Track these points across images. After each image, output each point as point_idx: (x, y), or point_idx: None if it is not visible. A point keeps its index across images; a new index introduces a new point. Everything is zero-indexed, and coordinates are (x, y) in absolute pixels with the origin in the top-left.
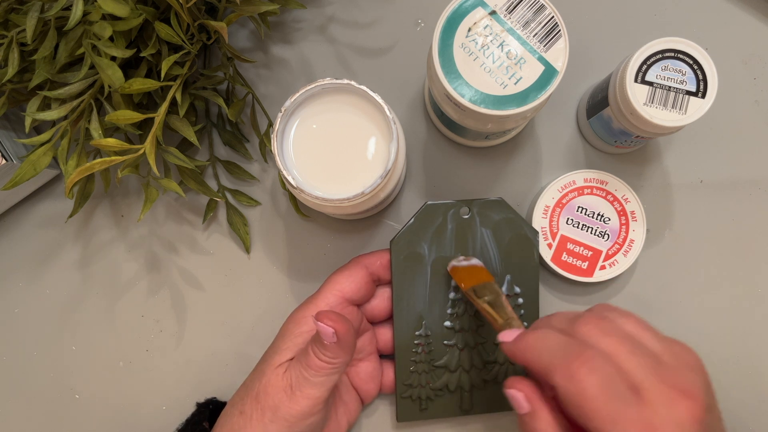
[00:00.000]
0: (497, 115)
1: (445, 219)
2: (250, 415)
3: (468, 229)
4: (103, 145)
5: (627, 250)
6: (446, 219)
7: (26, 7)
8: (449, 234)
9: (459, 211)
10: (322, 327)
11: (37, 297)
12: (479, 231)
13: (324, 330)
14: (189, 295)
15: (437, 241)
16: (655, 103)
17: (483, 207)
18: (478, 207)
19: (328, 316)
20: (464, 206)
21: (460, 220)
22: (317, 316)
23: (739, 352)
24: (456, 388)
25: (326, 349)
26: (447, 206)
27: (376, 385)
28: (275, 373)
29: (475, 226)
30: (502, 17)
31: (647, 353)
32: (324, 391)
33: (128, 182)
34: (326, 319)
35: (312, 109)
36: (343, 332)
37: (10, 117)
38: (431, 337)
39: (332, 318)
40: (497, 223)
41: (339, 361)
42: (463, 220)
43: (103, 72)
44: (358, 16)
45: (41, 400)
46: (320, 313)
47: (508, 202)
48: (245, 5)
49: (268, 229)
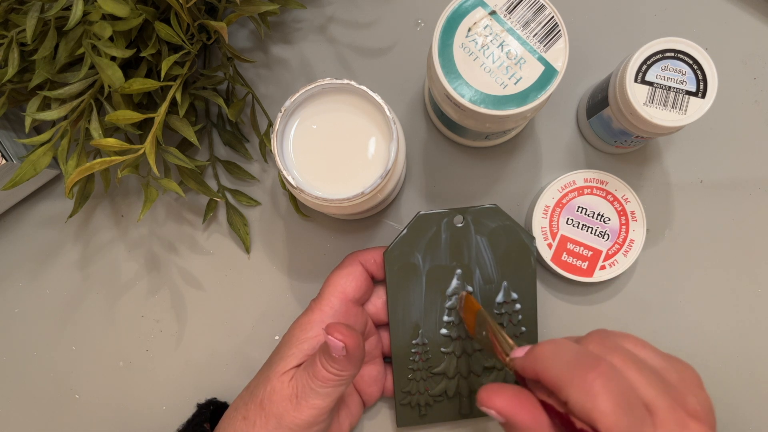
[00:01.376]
0: (497, 115)
1: (439, 228)
2: (254, 422)
3: (462, 238)
4: (103, 145)
5: (627, 250)
6: (440, 228)
7: (26, 7)
8: (444, 243)
9: (453, 220)
10: (332, 341)
11: (37, 297)
12: (474, 239)
13: (334, 344)
14: (189, 295)
15: (431, 251)
16: (655, 103)
17: (478, 215)
18: (473, 215)
19: (338, 330)
20: (458, 215)
21: (454, 229)
22: (327, 329)
23: (739, 352)
24: (455, 394)
25: (335, 361)
26: (440, 215)
27: (379, 389)
28: (280, 380)
29: (469, 235)
30: (502, 17)
31: (654, 371)
32: (330, 402)
33: (128, 182)
34: (337, 333)
35: (312, 109)
36: (353, 346)
37: (10, 117)
38: (428, 345)
39: (342, 332)
40: (493, 230)
41: (347, 374)
42: (457, 228)
43: (103, 72)
44: (358, 16)
45: (41, 400)
46: (330, 326)
47: (503, 208)
48: (245, 5)
49: (268, 229)
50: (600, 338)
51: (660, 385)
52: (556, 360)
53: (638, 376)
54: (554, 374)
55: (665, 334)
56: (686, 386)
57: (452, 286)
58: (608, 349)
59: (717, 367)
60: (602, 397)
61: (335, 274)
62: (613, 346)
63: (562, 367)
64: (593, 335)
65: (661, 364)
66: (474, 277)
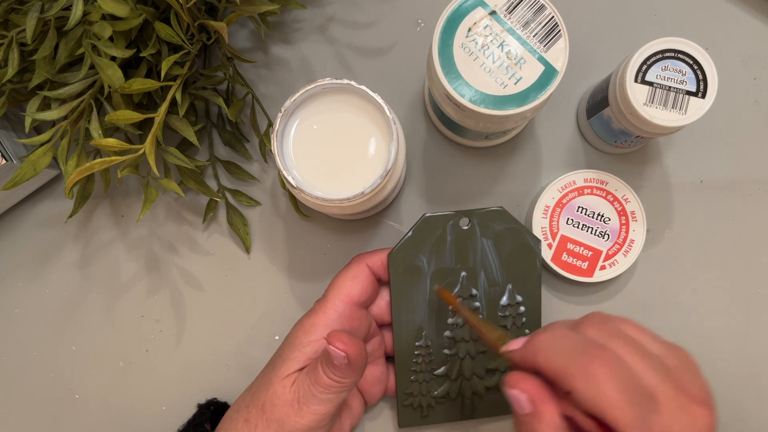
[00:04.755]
0: (497, 115)
1: (444, 231)
2: (255, 425)
3: (468, 240)
4: (103, 145)
5: (627, 250)
6: (445, 231)
7: (26, 7)
8: (449, 246)
9: (458, 222)
10: (333, 351)
11: (37, 297)
12: (480, 241)
13: (335, 353)
14: (189, 295)
15: (436, 253)
16: (655, 103)
17: (484, 217)
18: (479, 217)
19: (339, 339)
20: (464, 217)
21: (459, 232)
22: (329, 338)
23: (739, 352)
24: (457, 396)
25: (336, 369)
26: (446, 218)
27: (381, 389)
28: (282, 384)
29: (475, 237)
30: (502, 17)
31: (655, 357)
32: (332, 408)
33: (128, 182)
34: (338, 342)
35: (312, 109)
36: (355, 355)
37: (10, 117)
38: (431, 348)
39: (344, 341)
40: (499, 233)
41: (348, 381)
42: (462, 231)
43: (103, 72)
44: (358, 16)
45: (41, 400)
46: (331, 334)
47: (509, 210)
48: (245, 5)
49: (268, 229)
50: (599, 323)
51: (662, 372)
52: (557, 350)
53: (640, 362)
54: (556, 365)
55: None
56: (686, 371)
57: (457, 288)
58: (608, 335)
59: (717, 366)
60: (608, 386)
61: (341, 276)
62: (614, 331)
63: (563, 357)
64: (592, 319)
65: (660, 350)
66: (479, 279)
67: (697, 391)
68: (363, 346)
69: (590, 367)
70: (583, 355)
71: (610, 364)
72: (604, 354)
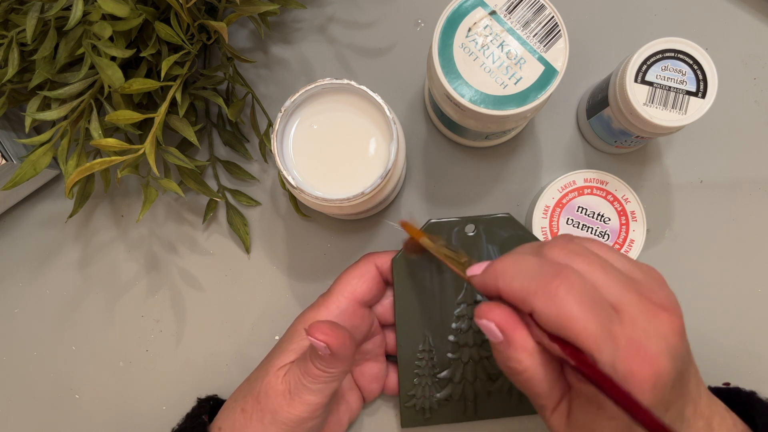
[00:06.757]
0: (497, 115)
1: (450, 237)
2: (251, 415)
3: (473, 247)
4: (103, 145)
5: (627, 250)
6: (450, 237)
7: (26, 7)
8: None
9: (464, 229)
10: (314, 342)
11: (37, 297)
12: (485, 248)
13: (317, 344)
14: (189, 295)
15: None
16: (655, 103)
17: (490, 224)
18: (485, 224)
19: (319, 330)
20: (469, 223)
21: (465, 238)
22: (309, 329)
23: (739, 351)
24: (460, 398)
25: (321, 359)
26: (451, 224)
27: (379, 386)
28: (276, 375)
29: (481, 243)
30: (502, 17)
31: (619, 271)
32: (323, 398)
33: (128, 182)
34: (318, 333)
35: (312, 109)
36: (336, 345)
37: (10, 117)
38: (435, 351)
39: (324, 331)
40: (505, 240)
41: (336, 371)
42: (468, 237)
43: (103, 72)
44: (358, 16)
45: (41, 400)
46: (311, 325)
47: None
48: (245, 5)
49: (268, 229)
50: (563, 243)
51: (626, 283)
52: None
53: (603, 276)
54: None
55: None
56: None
57: (461, 294)
58: (571, 252)
59: (717, 366)
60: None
61: (348, 274)
62: (577, 249)
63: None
64: (555, 240)
65: (625, 266)
66: None
67: (663, 298)
68: (346, 335)
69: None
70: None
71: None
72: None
